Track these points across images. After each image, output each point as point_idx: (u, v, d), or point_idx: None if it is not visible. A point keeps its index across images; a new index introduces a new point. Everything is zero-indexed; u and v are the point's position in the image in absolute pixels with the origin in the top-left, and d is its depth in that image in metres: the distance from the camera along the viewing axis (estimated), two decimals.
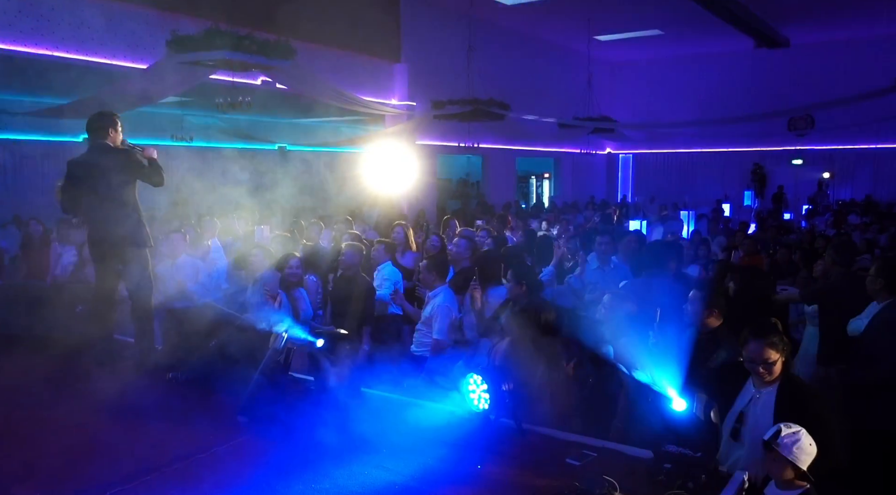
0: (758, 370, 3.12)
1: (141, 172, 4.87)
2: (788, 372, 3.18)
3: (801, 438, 2.69)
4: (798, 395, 3.08)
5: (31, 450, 3.51)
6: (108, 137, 4.83)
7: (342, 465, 3.30)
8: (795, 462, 2.67)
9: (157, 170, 4.90)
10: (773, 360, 3.10)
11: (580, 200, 20.16)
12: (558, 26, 17.32)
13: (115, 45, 9.61)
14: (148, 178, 4.89)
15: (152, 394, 4.38)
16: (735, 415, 3.18)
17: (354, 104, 12.01)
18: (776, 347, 3.10)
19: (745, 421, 3.10)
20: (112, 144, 4.84)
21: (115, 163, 4.77)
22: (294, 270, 5.01)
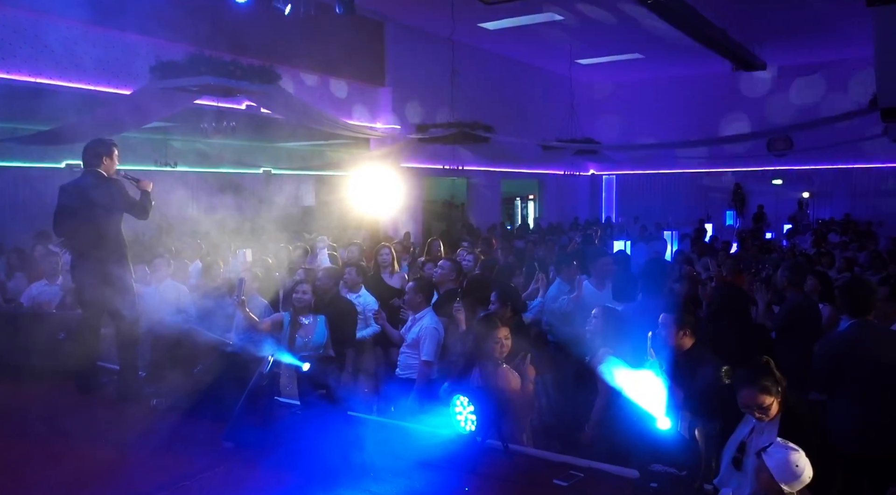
0: (754, 414, 3.00)
1: (128, 206, 4.83)
2: (789, 404, 3.01)
3: (790, 455, 2.56)
4: (801, 429, 2.91)
5: (19, 481, 3.45)
6: (102, 165, 4.78)
7: (329, 489, 3.28)
8: (776, 476, 2.55)
9: (146, 203, 4.88)
10: (767, 404, 2.95)
11: (565, 221, 20.30)
12: (540, 50, 17.58)
13: (98, 71, 9.62)
14: (133, 211, 4.86)
15: (138, 421, 4.34)
16: (736, 444, 3.07)
17: (339, 128, 12.08)
18: (769, 391, 2.94)
19: (747, 451, 2.99)
20: (105, 173, 4.79)
21: (104, 194, 4.72)
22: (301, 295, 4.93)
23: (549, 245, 12.05)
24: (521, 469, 3.51)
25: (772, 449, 2.59)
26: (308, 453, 3.70)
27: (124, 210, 4.84)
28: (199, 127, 11.41)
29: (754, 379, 2.96)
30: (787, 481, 2.56)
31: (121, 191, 4.82)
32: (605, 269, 5.76)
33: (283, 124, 12.08)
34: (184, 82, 8.73)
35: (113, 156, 4.84)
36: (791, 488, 2.56)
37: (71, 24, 9.15)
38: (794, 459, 2.57)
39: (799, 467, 2.56)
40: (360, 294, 5.77)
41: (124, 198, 4.82)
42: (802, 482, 2.56)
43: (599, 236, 12.52)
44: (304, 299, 4.77)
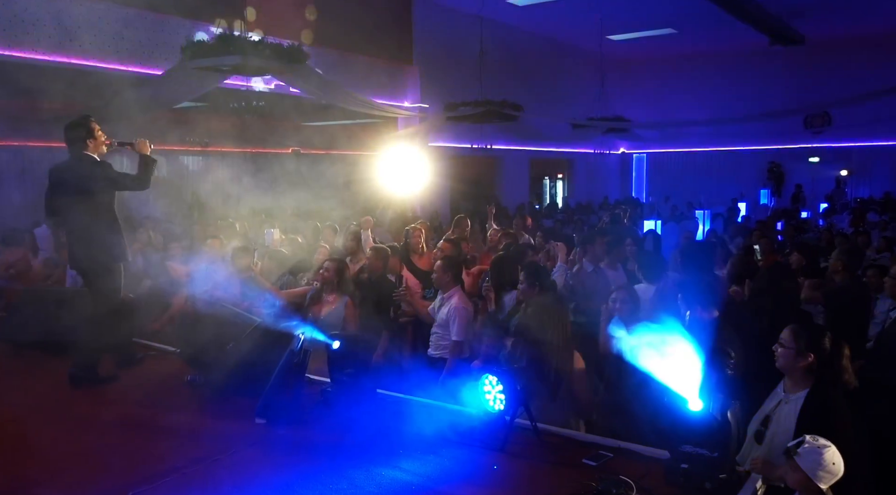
0: (776, 349, 3.06)
1: (118, 184, 4.69)
2: (823, 382, 3.01)
3: (825, 454, 2.52)
4: (826, 405, 2.93)
5: (52, 453, 3.56)
6: (87, 146, 4.61)
7: (359, 466, 3.32)
8: (812, 477, 2.52)
9: (147, 168, 4.69)
10: (787, 345, 3.00)
11: (594, 201, 20.09)
12: (570, 26, 17.28)
13: (130, 52, 9.72)
14: (128, 186, 4.72)
15: (172, 397, 4.43)
16: (761, 418, 3.10)
17: (367, 107, 12.05)
18: (799, 338, 2.99)
19: (769, 425, 3.00)
20: (92, 154, 4.62)
21: (91, 175, 4.57)
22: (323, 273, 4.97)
23: (577, 224, 11.95)
24: (550, 448, 3.51)
25: (804, 450, 2.55)
26: (339, 431, 3.75)
27: (114, 188, 4.69)
28: (228, 106, 11.51)
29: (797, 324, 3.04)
30: (823, 480, 2.53)
31: (110, 173, 4.66)
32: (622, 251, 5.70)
33: (312, 104, 12.11)
34: (214, 62, 8.76)
35: (95, 133, 4.64)
36: (827, 484, 2.54)
37: (103, 5, 9.23)
38: (829, 457, 2.54)
39: (835, 464, 2.54)
40: None
41: (115, 177, 4.67)
42: (837, 476, 2.55)
43: (629, 215, 12.35)
44: (326, 277, 4.80)
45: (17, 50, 8.54)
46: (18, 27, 8.50)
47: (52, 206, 4.80)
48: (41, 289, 6.52)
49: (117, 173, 4.72)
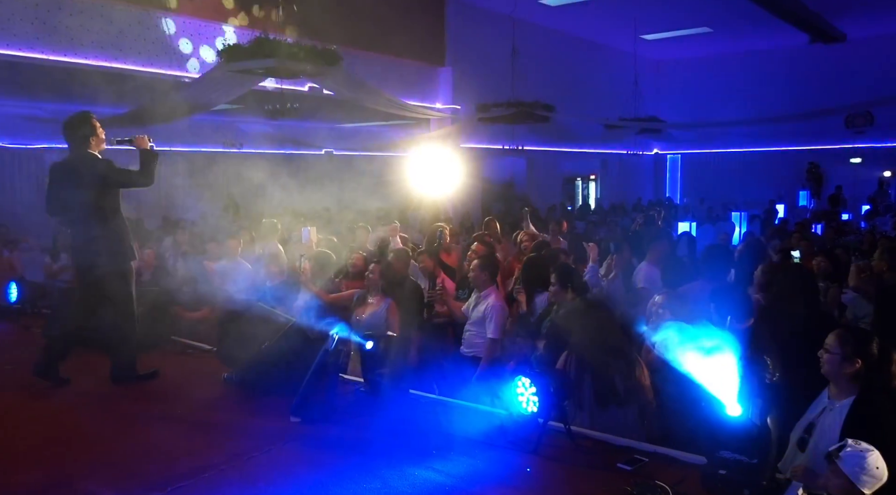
0: (821, 355, 2.99)
1: (121, 181, 4.61)
2: (870, 389, 2.93)
3: (867, 458, 2.45)
4: (873, 413, 2.84)
5: (96, 448, 3.65)
6: (90, 145, 4.55)
7: (392, 466, 3.33)
8: (855, 481, 2.44)
9: (149, 163, 4.60)
10: (833, 351, 2.93)
11: (627, 202, 19.87)
12: (604, 26, 17.13)
13: (168, 56, 9.92)
14: (131, 183, 4.64)
15: (208, 394, 4.51)
16: (805, 425, 3.02)
17: (399, 108, 12.11)
18: (845, 344, 2.91)
19: (813, 432, 2.93)
20: (93, 151, 4.57)
21: (93, 173, 4.49)
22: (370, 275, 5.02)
23: (610, 226, 11.85)
24: (584, 452, 3.48)
25: (845, 454, 2.48)
26: (372, 430, 3.77)
27: (118, 186, 4.63)
28: (263, 108, 11.68)
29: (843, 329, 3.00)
30: (866, 484, 2.46)
31: (109, 168, 4.56)
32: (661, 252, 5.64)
33: (344, 105, 12.21)
34: (249, 65, 8.90)
35: (96, 130, 4.58)
36: (870, 489, 2.46)
37: (142, 9, 9.43)
38: (872, 461, 2.46)
39: (879, 469, 2.46)
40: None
41: (113, 174, 4.56)
42: (881, 481, 2.47)
43: (663, 217, 12.19)
44: (372, 279, 4.84)
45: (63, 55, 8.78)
46: (63, 33, 8.74)
47: (55, 204, 4.66)
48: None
49: (121, 170, 4.62)
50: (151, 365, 5.01)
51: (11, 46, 8.24)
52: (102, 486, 3.13)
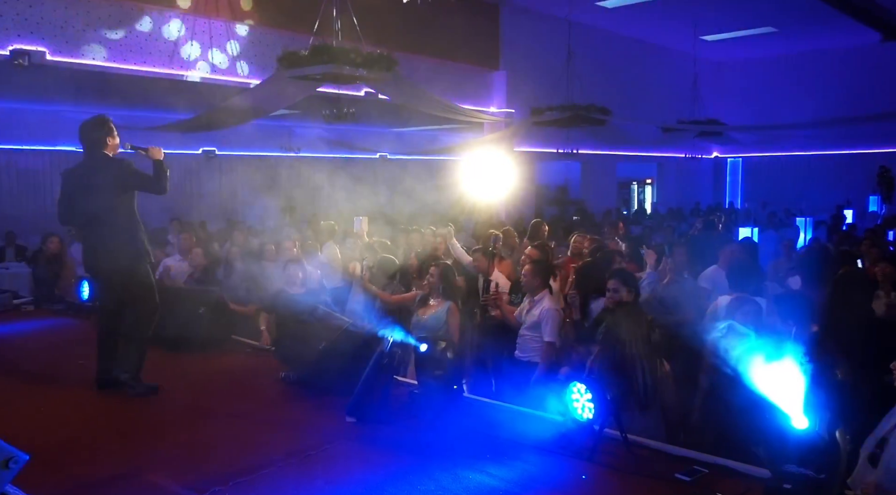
0: (894, 367, 2.87)
1: (138, 184, 4.51)
2: None
3: None
4: None
5: (161, 442, 3.79)
6: (105, 146, 4.47)
7: (446, 469, 3.35)
8: None
9: (161, 174, 4.52)
10: None
11: (685, 207, 19.41)
12: (662, 27, 16.80)
13: (231, 63, 10.23)
14: (148, 188, 4.53)
15: (267, 393, 4.63)
16: (877, 439, 2.89)
17: (454, 112, 12.16)
18: None
19: (886, 448, 2.80)
20: (109, 154, 4.49)
21: (109, 176, 4.42)
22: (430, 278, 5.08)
23: (667, 231, 11.60)
24: (641, 461, 3.42)
25: None
26: (426, 432, 3.79)
27: (135, 188, 4.53)
28: (320, 113, 11.91)
29: None
30: None
31: (127, 170, 4.47)
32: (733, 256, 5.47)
33: (399, 109, 12.34)
34: (308, 71, 9.09)
35: (113, 134, 4.51)
36: None
37: (205, 19, 9.75)
38: None
39: None
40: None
41: (132, 176, 4.48)
42: None
43: (723, 222, 11.86)
44: (432, 282, 4.88)
45: (132, 64, 9.16)
46: (133, 42, 9.11)
47: (68, 212, 4.60)
48: None
49: (137, 172, 4.52)
50: (213, 363, 5.17)
51: (84, 56, 8.64)
52: (167, 479, 3.25)
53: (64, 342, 6.09)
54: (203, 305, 5.77)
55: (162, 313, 5.51)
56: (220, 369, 5.21)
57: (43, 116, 12.92)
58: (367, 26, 9.75)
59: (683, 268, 5.57)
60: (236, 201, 14.61)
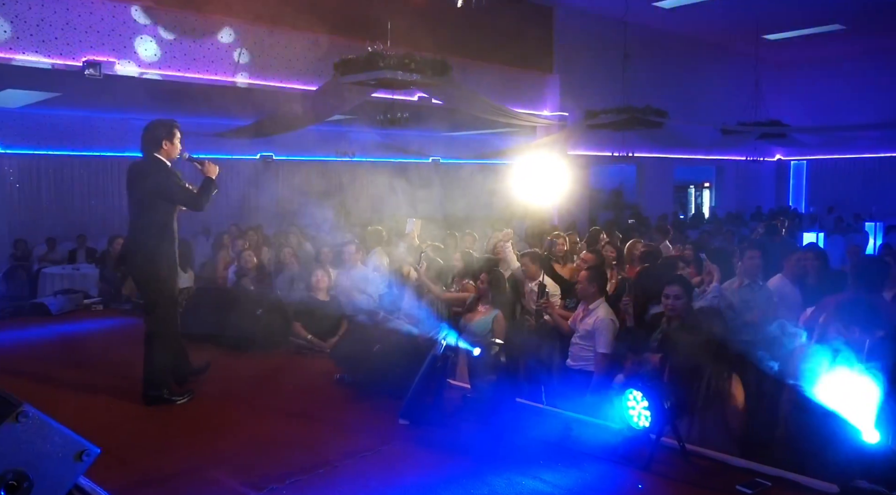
0: None
1: (176, 197, 4.44)
2: None
3: None
4: None
5: (221, 440, 3.90)
6: (161, 150, 4.40)
7: (499, 473, 3.33)
8: None
9: (206, 191, 4.45)
10: None
11: (745, 211, 18.85)
12: (722, 27, 16.38)
13: (288, 70, 10.47)
14: (186, 203, 4.46)
15: (323, 394, 4.71)
16: None
17: (507, 116, 12.14)
18: None
19: None
20: (164, 159, 4.42)
21: (155, 182, 4.38)
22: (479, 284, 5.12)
23: (727, 236, 11.28)
24: (700, 471, 3.33)
25: None
26: (479, 437, 3.79)
27: (172, 201, 4.45)
28: (374, 118, 12.07)
29: None
30: None
31: (169, 181, 4.40)
32: (799, 264, 5.27)
33: (453, 114, 12.39)
34: (363, 77, 9.22)
35: (174, 140, 4.43)
36: None
37: (262, 27, 10.01)
38: None
39: None
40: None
41: (174, 187, 4.41)
42: None
43: (787, 227, 11.45)
44: (482, 288, 4.89)
45: (195, 72, 9.48)
46: (197, 51, 9.43)
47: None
48: (211, 287, 7.16)
49: (180, 185, 4.45)
50: (271, 364, 5.29)
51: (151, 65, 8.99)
52: (227, 475, 3.34)
53: (130, 340, 6.31)
54: (261, 307, 5.92)
55: (222, 315, 5.68)
56: (278, 369, 5.33)
57: (112, 124, 13.54)
58: (420, 32, 9.85)
59: (756, 272, 5.38)
60: (292, 205, 14.95)
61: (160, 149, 4.41)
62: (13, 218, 12.72)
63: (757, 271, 5.38)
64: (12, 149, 12.57)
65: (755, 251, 5.52)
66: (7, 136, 12.52)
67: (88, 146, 13.42)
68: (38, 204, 12.98)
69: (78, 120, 13.30)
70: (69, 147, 13.21)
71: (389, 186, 12.91)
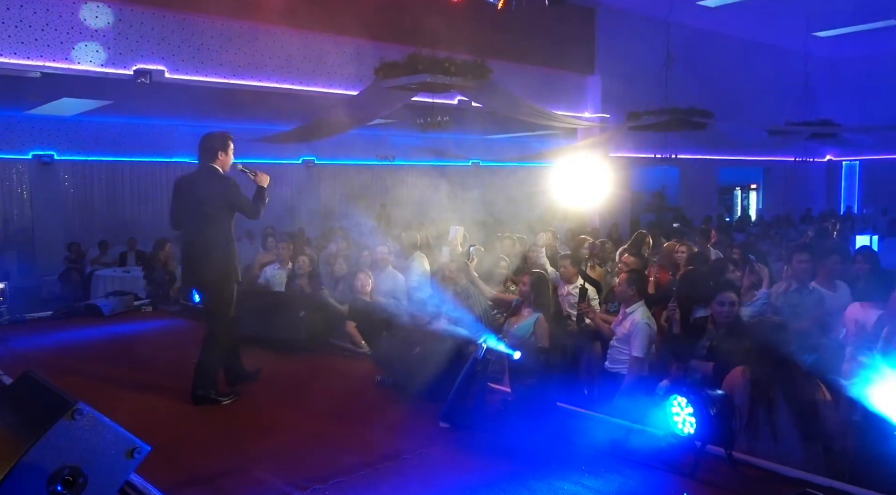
0: None
1: (238, 206, 4.59)
2: None
3: None
4: None
5: (266, 439, 3.96)
6: (217, 160, 4.57)
7: (540, 478, 3.31)
8: None
9: (259, 200, 4.61)
10: None
11: (793, 213, 18.33)
12: (770, 25, 15.98)
13: (330, 75, 10.62)
14: (244, 210, 4.61)
15: (364, 396, 4.75)
16: None
17: (547, 119, 12.06)
18: None
19: None
20: (219, 168, 4.59)
21: (213, 191, 4.52)
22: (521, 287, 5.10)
23: (774, 239, 11.00)
24: (747, 481, 3.25)
25: None
26: (520, 440, 3.76)
27: (234, 208, 4.60)
28: (414, 122, 12.15)
29: None
30: None
31: (231, 190, 4.56)
32: (833, 268, 5.10)
33: (493, 117, 12.38)
34: (403, 81, 9.30)
35: (228, 150, 4.60)
36: None
37: (305, 32, 10.16)
38: None
39: None
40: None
41: (235, 196, 4.56)
42: None
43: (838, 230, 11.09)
44: (523, 290, 4.87)
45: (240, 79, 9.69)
46: (242, 58, 9.64)
47: (176, 217, 4.74)
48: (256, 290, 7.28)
49: (239, 194, 4.60)
50: (314, 365, 5.35)
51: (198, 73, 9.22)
52: (272, 474, 3.39)
53: (179, 342, 6.49)
54: (304, 309, 6.00)
55: (267, 317, 5.78)
56: (320, 371, 5.40)
57: (160, 130, 13.95)
58: (460, 34, 9.88)
59: (806, 276, 5.22)
60: (333, 208, 15.14)
61: (216, 159, 4.58)
62: (68, 222, 13.20)
63: (806, 275, 5.23)
64: (67, 156, 13.05)
65: (804, 254, 5.35)
66: (62, 144, 13.01)
67: (137, 152, 13.85)
68: (91, 208, 13.45)
69: (128, 127, 13.75)
70: (119, 153, 13.67)
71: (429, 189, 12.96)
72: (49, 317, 7.44)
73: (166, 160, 13.96)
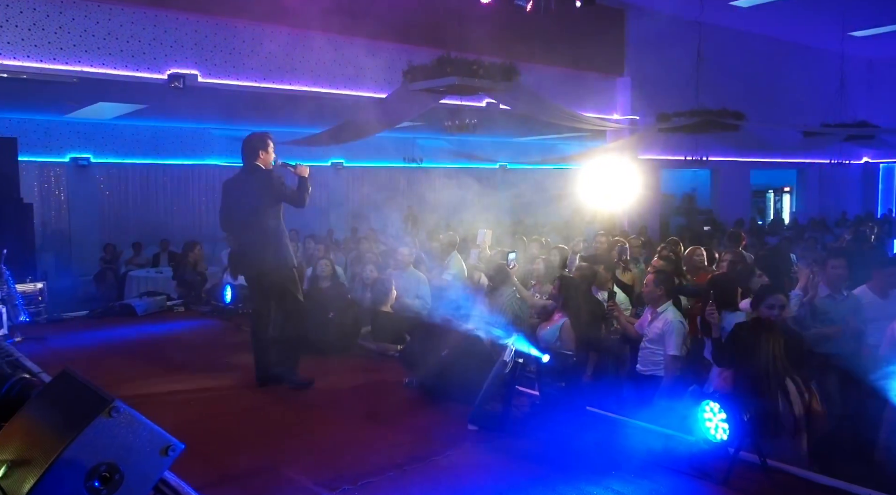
0: None
1: (282, 195, 4.90)
2: None
3: None
4: None
5: (296, 440, 4.00)
6: (259, 158, 4.88)
7: (568, 482, 3.29)
8: None
9: (303, 189, 4.93)
10: None
11: (828, 216, 17.94)
12: (804, 24, 15.67)
13: (359, 78, 10.69)
14: (290, 200, 4.93)
15: (392, 397, 4.76)
16: None
17: (576, 121, 11.98)
18: None
19: None
20: (262, 166, 4.89)
21: (261, 186, 4.83)
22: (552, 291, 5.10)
23: (808, 242, 10.78)
24: (781, 488, 3.19)
25: None
26: (548, 444, 3.75)
27: (281, 199, 4.91)
28: (442, 125, 12.17)
29: None
30: None
31: (276, 182, 4.88)
32: (889, 279, 4.96)
33: (521, 119, 12.33)
34: (432, 84, 9.31)
35: (268, 149, 4.91)
36: None
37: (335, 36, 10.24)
38: None
39: None
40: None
41: (279, 188, 4.88)
42: None
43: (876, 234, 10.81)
44: (553, 294, 4.85)
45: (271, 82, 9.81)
46: (273, 62, 9.76)
47: (228, 219, 5.06)
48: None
49: (284, 186, 4.95)
50: (343, 366, 5.39)
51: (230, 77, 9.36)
52: (302, 474, 3.42)
53: (210, 341, 6.60)
54: (332, 310, 6.05)
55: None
56: (349, 372, 5.43)
57: (193, 133, 14.17)
58: (488, 36, 9.86)
59: (840, 283, 5.09)
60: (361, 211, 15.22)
61: (258, 157, 4.89)
62: (103, 223, 13.48)
63: (841, 281, 5.10)
64: (102, 158, 13.33)
65: (840, 260, 5.21)
66: (98, 147, 13.29)
67: (171, 155, 14.09)
68: (126, 210, 13.71)
69: (161, 130, 13.99)
70: (153, 156, 13.92)
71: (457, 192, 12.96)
72: (85, 316, 7.61)
73: (199, 162, 14.17)
